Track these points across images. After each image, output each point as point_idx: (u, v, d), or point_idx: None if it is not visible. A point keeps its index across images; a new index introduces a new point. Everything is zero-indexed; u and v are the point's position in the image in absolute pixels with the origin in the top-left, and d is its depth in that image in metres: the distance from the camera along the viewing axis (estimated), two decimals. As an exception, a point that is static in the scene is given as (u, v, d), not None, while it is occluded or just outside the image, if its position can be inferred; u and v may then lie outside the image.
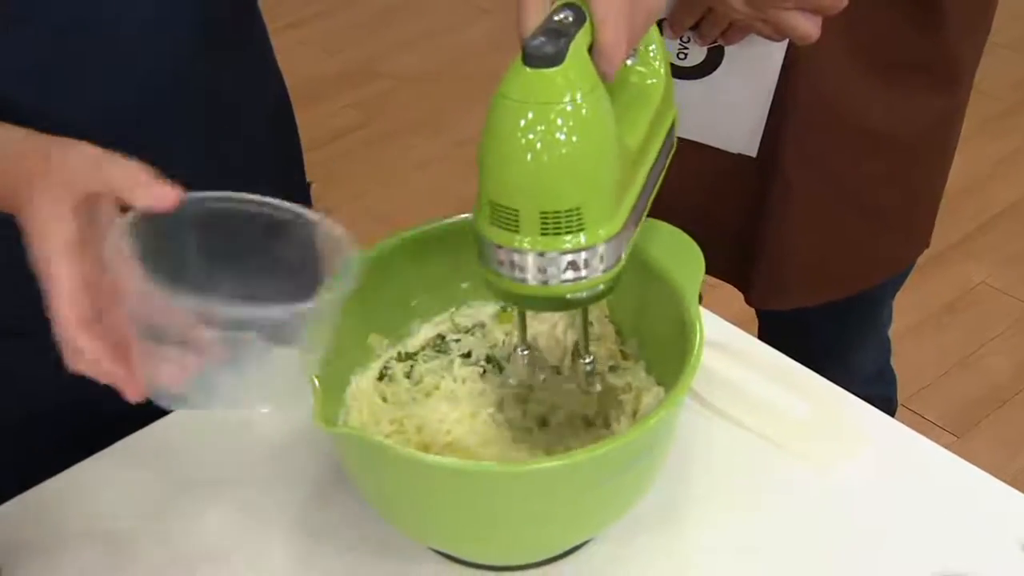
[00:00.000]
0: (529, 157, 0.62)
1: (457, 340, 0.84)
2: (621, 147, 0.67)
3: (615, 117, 0.67)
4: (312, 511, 0.79)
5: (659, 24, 0.96)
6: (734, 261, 1.08)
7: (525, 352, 0.77)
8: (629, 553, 0.77)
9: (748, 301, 1.12)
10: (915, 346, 2.10)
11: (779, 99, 0.97)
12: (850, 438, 0.84)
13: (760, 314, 1.23)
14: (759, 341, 0.92)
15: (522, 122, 0.61)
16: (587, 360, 0.77)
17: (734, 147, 1.01)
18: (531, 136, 0.61)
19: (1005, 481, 0.80)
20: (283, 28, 3.12)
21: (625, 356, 0.82)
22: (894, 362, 1.36)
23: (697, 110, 0.98)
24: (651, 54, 0.74)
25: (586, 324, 0.76)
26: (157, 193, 0.60)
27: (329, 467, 0.81)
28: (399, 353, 0.83)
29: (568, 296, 0.66)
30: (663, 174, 0.76)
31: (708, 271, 0.78)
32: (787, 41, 0.92)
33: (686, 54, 0.97)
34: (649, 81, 0.74)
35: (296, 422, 0.67)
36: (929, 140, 1.06)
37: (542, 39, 0.62)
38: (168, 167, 0.79)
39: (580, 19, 0.64)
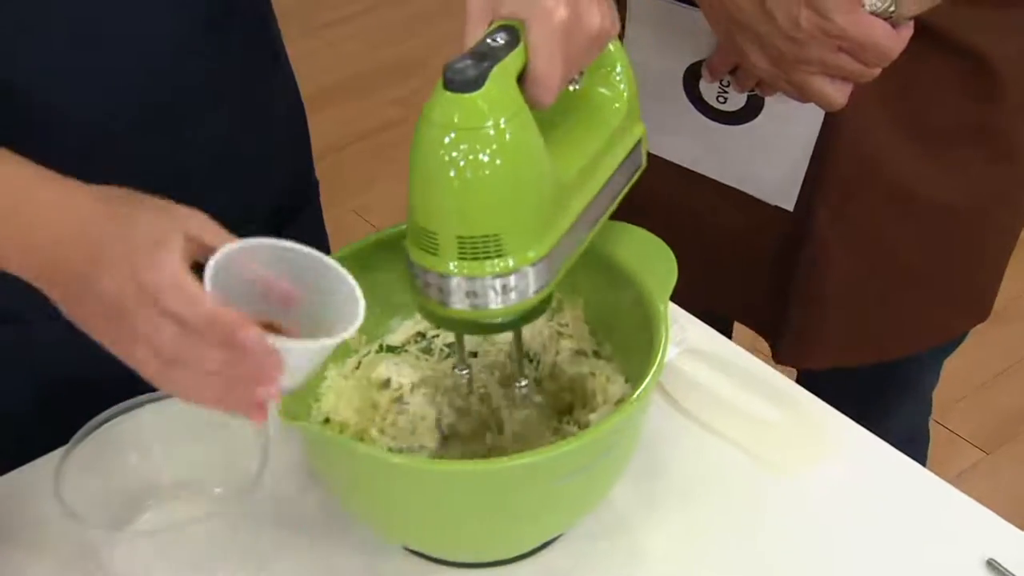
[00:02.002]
0: (445, 182, 0.61)
1: (437, 335, 0.85)
2: (550, 174, 0.65)
3: (558, 139, 0.66)
4: (283, 505, 0.80)
5: (697, 66, 0.93)
6: (765, 313, 1.04)
7: (464, 371, 0.77)
8: (596, 550, 0.77)
9: (775, 357, 1.07)
10: (948, 360, 2.07)
11: (818, 155, 0.93)
12: (820, 447, 0.84)
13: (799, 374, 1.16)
14: (738, 347, 0.92)
15: (440, 146, 0.61)
16: (521, 384, 0.76)
17: (771, 198, 0.97)
18: (448, 160, 0.61)
19: None
20: (330, 23, 3.16)
21: (599, 356, 0.83)
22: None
23: (736, 156, 0.96)
24: (616, 77, 0.73)
25: (520, 348, 0.75)
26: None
27: (301, 462, 0.82)
28: (380, 346, 0.84)
29: (485, 321, 0.66)
30: (626, 189, 0.76)
31: (739, 319, 0.75)
32: None
33: (726, 98, 0.94)
34: (612, 104, 0.73)
35: (271, 417, 0.69)
36: (985, 213, 1.00)
37: (466, 62, 0.61)
38: (178, 163, 0.81)
39: (513, 42, 0.62)
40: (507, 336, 0.83)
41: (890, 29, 0.78)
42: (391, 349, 0.84)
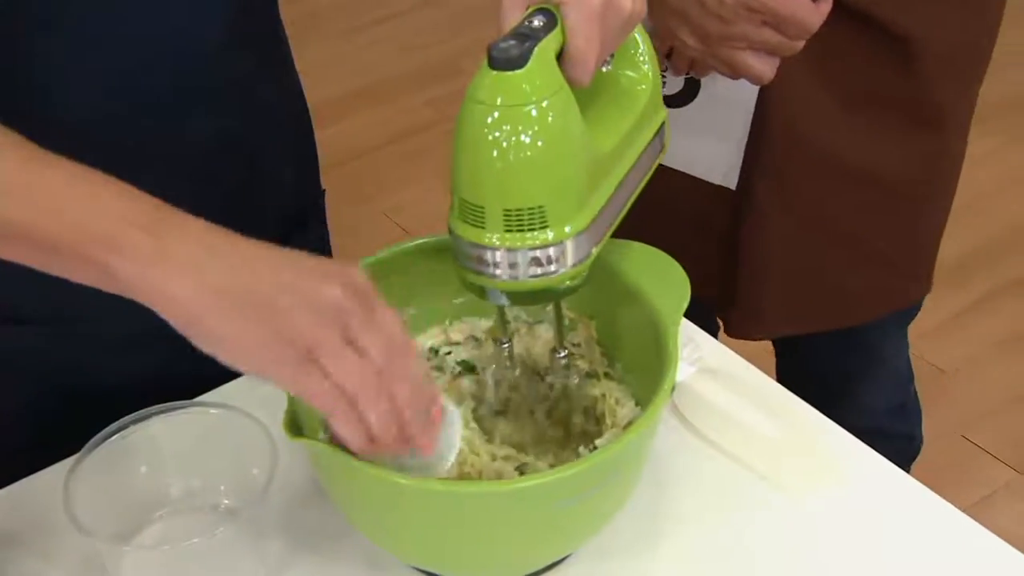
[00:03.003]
0: (492, 157, 0.64)
1: (449, 352, 0.85)
2: (589, 149, 0.68)
3: (592, 119, 0.69)
4: (290, 517, 0.80)
5: None
6: (713, 291, 1.08)
7: (505, 344, 0.78)
8: (603, 572, 0.77)
9: (726, 331, 1.12)
10: (978, 375, 2.05)
11: (756, 131, 0.97)
12: (828, 468, 0.83)
13: (776, 351, 1.22)
14: (752, 366, 0.91)
15: (486, 123, 0.64)
16: (561, 354, 0.78)
17: (715, 178, 1.01)
18: (494, 137, 0.64)
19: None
20: (365, 26, 3.17)
21: (611, 378, 0.82)
22: (943, 392, 1.33)
23: (678, 139, 0.99)
24: (640, 58, 0.75)
25: (560, 319, 0.77)
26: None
27: (309, 473, 0.82)
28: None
29: (534, 290, 0.68)
30: (650, 173, 0.78)
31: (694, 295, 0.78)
32: None
33: (664, 83, 0.97)
34: (638, 86, 0.75)
35: (279, 429, 0.70)
36: (915, 181, 1.05)
37: (509, 42, 0.64)
38: (183, 170, 0.82)
39: (551, 24, 0.65)
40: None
41: (809, 3, 0.83)
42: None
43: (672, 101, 0.99)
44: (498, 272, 0.67)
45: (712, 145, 1.00)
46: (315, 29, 3.08)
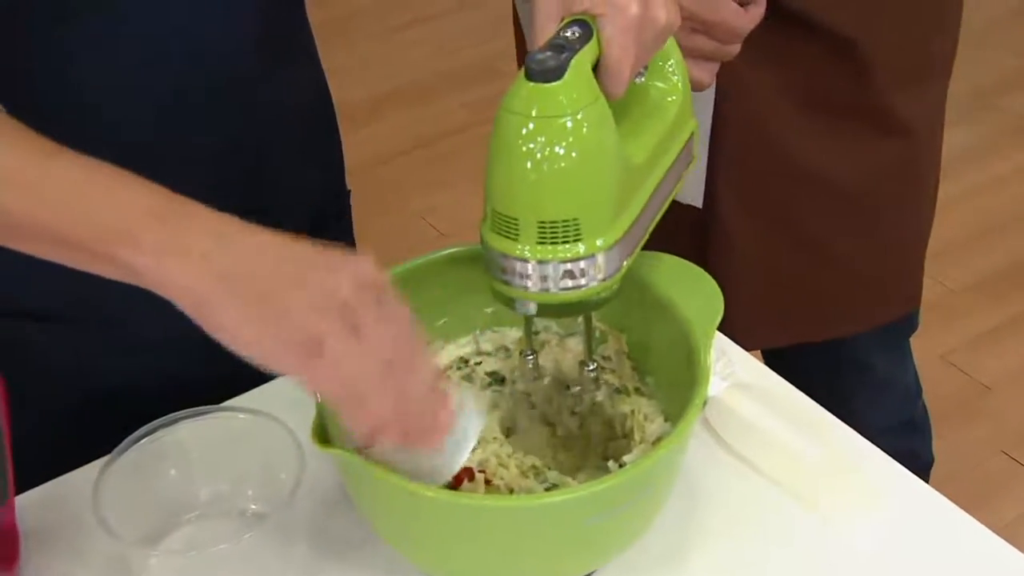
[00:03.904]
0: (527, 169, 0.64)
1: (479, 363, 0.85)
2: (623, 161, 0.68)
3: (625, 131, 0.68)
4: (316, 525, 0.80)
5: None
6: None
7: (530, 356, 0.78)
8: (630, 590, 0.76)
9: None
10: (1018, 390, 2.02)
11: (715, 142, 0.97)
12: (869, 493, 0.81)
13: (769, 366, 1.20)
14: (785, 382, 0.90)
15: (522, 135, 0.64)
16: (591, 367, 0.78)
17: (682, 197, 1.00)
18: (530, 148, 0.64)
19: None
20: (403, 26, 3.17)
21: (640, 393, 0.81)
22: (982, 408, 1.31)
23: None
24: (669, 69, 0.75)
25: (590, 331, 0.76)
26: None
27: (337, 480, 0.82)
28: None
29: (565, 303, 0.68)
30: (680, 184, 0.77)
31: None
32: (713, 85, 0.90)
33: None
34: (667, 97, 0.75)
35: (309, 437, 0.70)
36: (880, 190, 1.04)
37: (546, 54, 0.63)
38: (204, 170, 0.82)
39: (587, 35, 0.65)
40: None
41: (736, 7, 0.83)
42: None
43: None
44: (529, 284, 0.67)
45: None
46: (351, 30, 3.09)
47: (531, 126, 0.63)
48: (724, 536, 0.79)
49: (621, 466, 0.75)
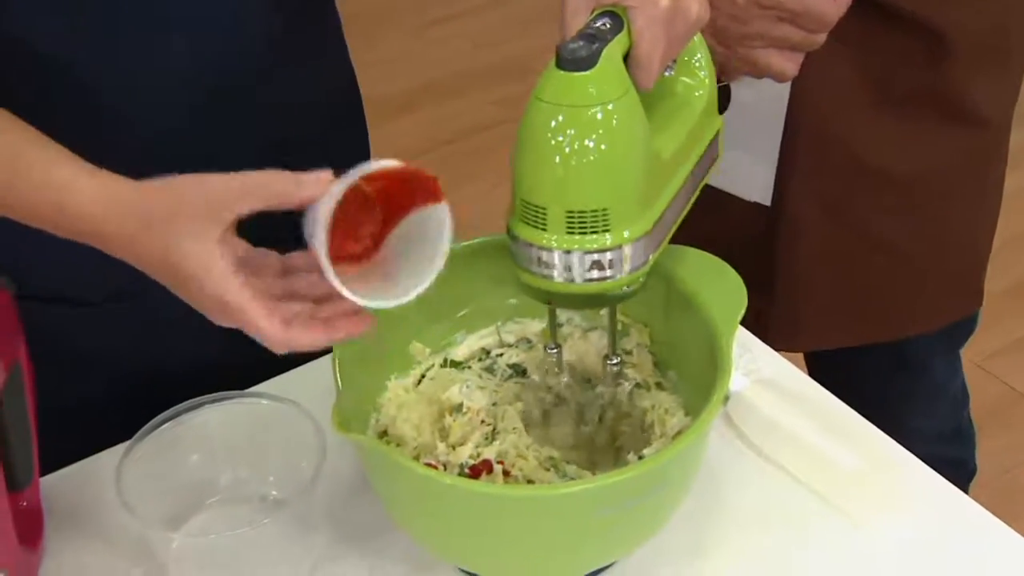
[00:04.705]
0: (558, 158, 0.64)
1: (501, 354, 0.85)
2: (652, 154, 0.68)
3: (652, 124, 0.68)
4: (336, 511, 0.80)
5: None
6: (749, 303, 1.06)
7: (553, 350, 0.78)
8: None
9: (767, 344, 1.10)
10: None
11: (788, 138, 0.96)
12: (892, 494, 0.81)
13: (810, 369, 1.19)
14: (810, 379, 0.90)
15: (552, 124, 0.64)
16: (614, 361, 0.77)
17: (749, 195, 1.00)
18: (561, 138, 0.63)
19: None
20: (437, 21, 3.17)
21: (662, 388, 0.81)
22: (1020, 414, 1.29)
23: None
24: (696, 64, 0.75)
25: (614, 324, 0.76)
26: (312, 184, 0.64)
27: (357, 467, 0.82)
28: (445, 360, 0.84)
29: (590, 294, 0.68)
30: (705, 180, 0.77)
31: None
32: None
33: None
34: (694, 92, 0.75)
35: (331, 424, 0.70)
36: (951, 184, 1.03)
37: (578, 43, 0.63)
38: (227, 159, 0.82)
39: (618, 27, 0.65)
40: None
41: None
42: (455, 364, 0.84)
43: None
44: (555, 274, 0.67)
45: (746, 160, 0.98)
46: (387, 24, 3.09)
47: (562, 116, 0.63)
48: (745, 533, 0.79)
49: (640, 459, 0.74)
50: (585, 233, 0.65)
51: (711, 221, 1.01)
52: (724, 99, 0.96)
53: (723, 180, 1.01)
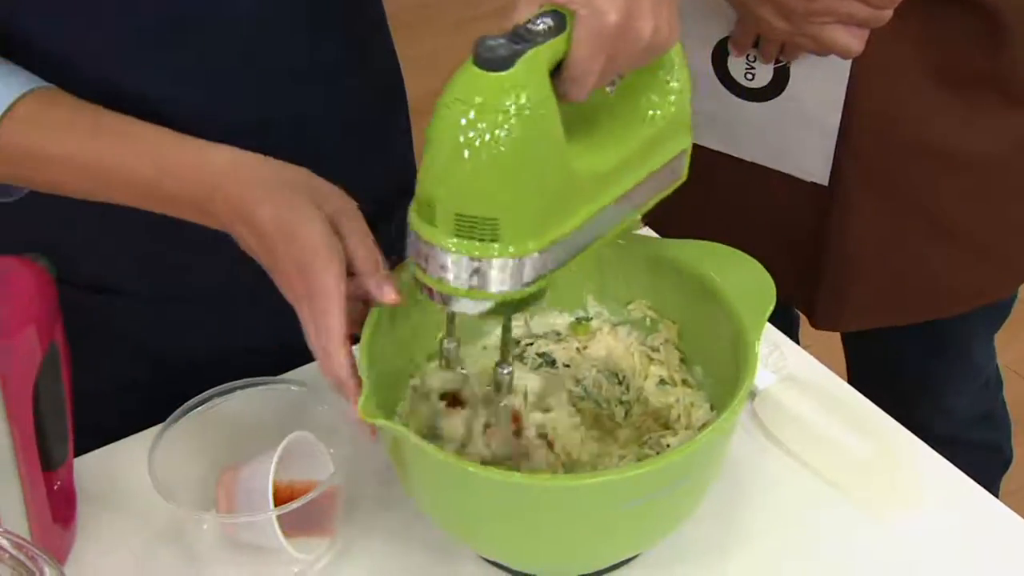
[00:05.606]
0: (453, 157, 0.61)
1: (531, 343, 0.85)
2: (566, 170, 0.64)
3: (587, 140, 0.65)
4: (362, 498, 0.81)
5: (725, 44, 0.98)
6: (798, 283, 1.06)
7: (452, 345, 0.74)
8: (673, 574, 0.76)
9: (812, 324, 1.11)
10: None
11: (848, 118, 0.96)
12: (917, 491, 0.80)
13: (847, 348, 1.19)
14: (837, 377, 0.89)
15: (456, 121, 0.60)
16: (505, 370, 0.73)
17: (806, 175, 1.00)
18: (461, 138, 0.60)
19: None
20: (478, 17, 3.17)
21: (687, 384, 0.81)
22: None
23: (767, 134, 0.99)
24: (668, 84, 0.70)
25: (508, 334, 0.72)
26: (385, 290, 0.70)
27: (383, 460, 0.83)
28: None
29: (472, 300, 0.65)
30: (655, 199, 0.73)
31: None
32: (851, 59, 0.91)
33: (753, 74, 0.97)
34: (655, 110, 0.70)
35: (354, 413, 0.71)
36: (1010, 163, 1.02)
37: (499, 41, 0.60)
38: (269, 143, 0.83)
39: (557, 30, 0.61)
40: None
41: None
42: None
43: (761, 94, 0.99)
44: (443, 274, 0.64)
45: (802, 140, 0.98)
46: (429, 20, 3.10)
47: (465, 116, 0.60)
48: (770, 528, 0.79)
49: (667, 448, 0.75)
50: (472, 239, 0.62)
51: (766, 201, 1.02)
52: (782, 80, 0.97)
53: (780, 160, 1.01)
